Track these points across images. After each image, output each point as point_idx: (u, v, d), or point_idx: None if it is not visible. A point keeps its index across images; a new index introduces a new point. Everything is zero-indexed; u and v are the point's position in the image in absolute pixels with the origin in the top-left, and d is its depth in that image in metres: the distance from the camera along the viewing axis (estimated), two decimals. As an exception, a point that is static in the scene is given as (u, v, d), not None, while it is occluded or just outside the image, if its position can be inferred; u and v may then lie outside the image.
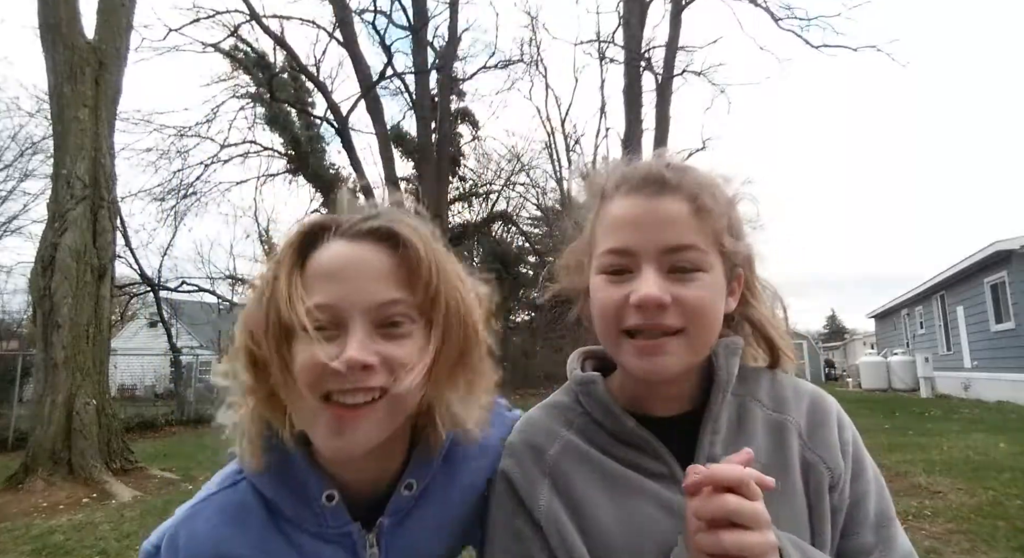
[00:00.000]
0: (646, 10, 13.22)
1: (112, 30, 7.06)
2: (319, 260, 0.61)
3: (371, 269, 0.60)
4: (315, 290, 0.59)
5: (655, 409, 0.72)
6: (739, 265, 0.72)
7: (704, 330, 0.66)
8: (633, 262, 0.65)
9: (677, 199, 0.65)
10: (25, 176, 18.36)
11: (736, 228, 0.70)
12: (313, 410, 0.59)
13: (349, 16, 15.13)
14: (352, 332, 0.58)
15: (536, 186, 24.43)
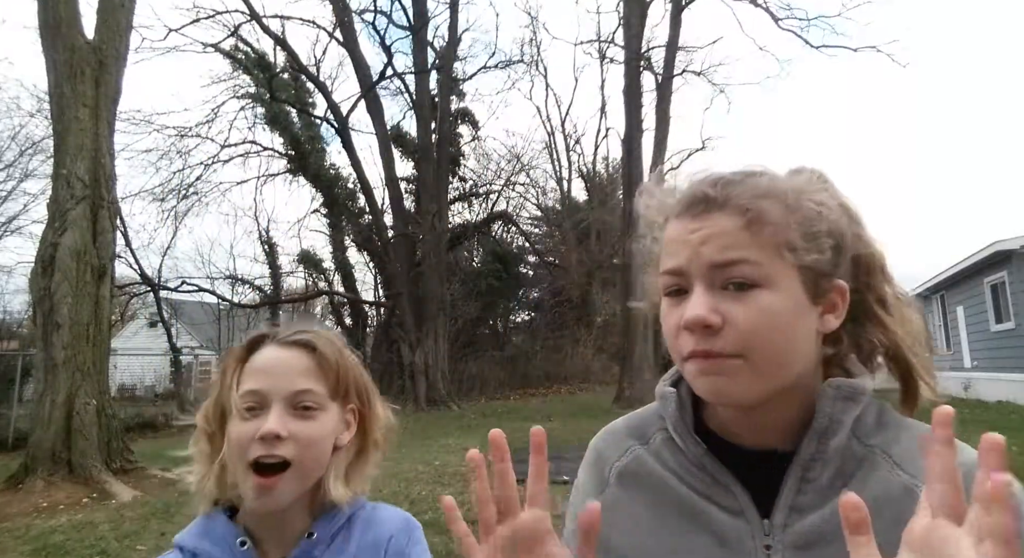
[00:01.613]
0: (646, 10, 13.23)
1: (112, 30, 7.06)
2: (256, 359, 0.82)
3: (291, 366, 0.81)
4: (249, 380, 0.79)
5: (744, 439, 0.65)
6: (832, 275, 0.61)
7: (768, 354, 0.58)
8: (686, 282, 0.61)
9: (724, 215, 0.60)
10: (25, 176, 18.36)
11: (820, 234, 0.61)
12: (243, 476, 0.76)
13: (349, 16, 15.15)
14: (272, 411, 0.77)
15: (536, 186, 24.47)
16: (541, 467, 0.63)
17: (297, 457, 0.77)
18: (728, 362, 0.58)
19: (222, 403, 0.80)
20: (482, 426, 9.98)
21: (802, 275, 0.60)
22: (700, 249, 0.60)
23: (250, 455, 0.75)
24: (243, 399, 0.77)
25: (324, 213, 18.24)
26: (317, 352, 0.82)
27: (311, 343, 0.83)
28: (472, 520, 2.14)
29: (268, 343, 0.83)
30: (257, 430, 0.75)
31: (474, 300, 18.66)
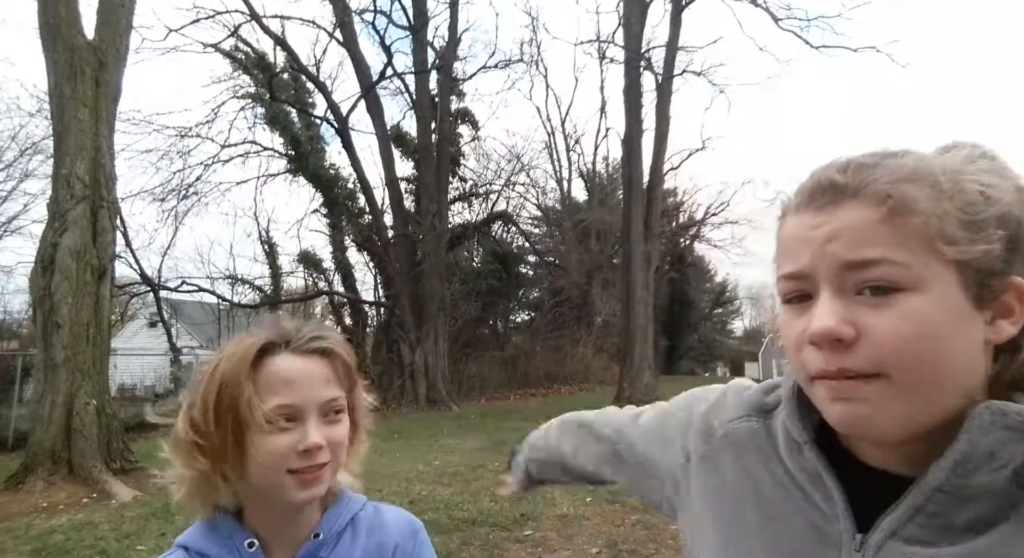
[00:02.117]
0: (646, 10, 13.22)
1: (112, 30, 7.06)
2: (275, 370, 0.80)
3: (316, 376, 0.82)
4: (276, 393, 0.79)
5: (868, 456, 0.55)
6: (1004, 273, 0.49)
7: (917, 372, 0.48)
8: (811, 286, 0.52)
9: (858, 205, 0.50)
10: (25, 176, 18.39)
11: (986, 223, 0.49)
12: (278, 480, 0.78)
13: (349, 16, 15.14)
14: (309, 423, 0.79)
15: (536, 186, 24.48)
16: None
17: (332, 458, 0.82)
18: (867, 385, 0.48)
19: (235, 414, 0.77)
20: (482, 426, 9.99)
21: (961, 274, 0.48)
22: (827, 247, 0.50)
23: (291, 465, 0.78)
24: (275, 412, 0.77)
25: (324, 213, 18.23)
26: (335, 358, 0.84)
27: (329, 349, 0.84)
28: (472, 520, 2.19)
29: (281, 351, 0.81)
30: (296, 442, 0.77)
31: (474, 300, 18.66)
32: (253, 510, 0.83)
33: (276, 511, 0.83)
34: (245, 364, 0.79)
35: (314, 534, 0.84)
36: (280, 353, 0.81)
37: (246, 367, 0.78)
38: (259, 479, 0.79)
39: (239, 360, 0.79)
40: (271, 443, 0.77)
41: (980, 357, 0.50)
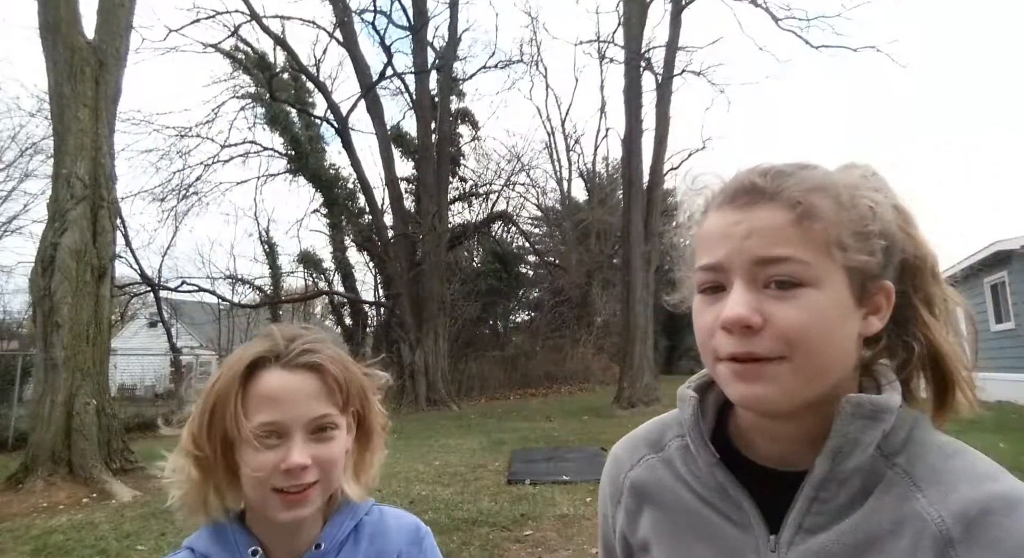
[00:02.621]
0: (646, 10, 13.22)
1: (112, 30, 7.06)
2: (264, 386, 0.79)
3: (303, 393, 0.79)
4: (261, 410, 0.77)
5: (762, 453, 0.62)
6: (880, 277, 0.58)
7: (812, 357, 0.55)
8: (725, 278, 0.57)
9: (773, 207, 0.56)
10: (25, 176, 18.38)
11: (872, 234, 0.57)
12: (263, 496, 0.78)
13: (349, 16, 15.15)
14: (293, 441, 0.77)
15: (536, 186, 24.47)
16: None
17: (322, 477, 0.79)
18: (769, 366, 0.55)
19: (223, 430, 0.78)
20: (482, 426, 9.99)
21: (849, 276, 0.56)
22: (744, 243, 0.56)
23: (274, 484, 0.77)
24: (259, 429, 0.76)
25: (324, 213, 18.23)
26: (325, 373, 0.81)
27: (319, 365, 0.81)
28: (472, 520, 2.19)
29: (271, 366, 0.80)
30: (279, 461, 0.76)
31: (474, 300, 18.65)
32: (255, 519, 0.83)
33: (279, 527, 0.82)
34: (235, 380, 0.78)
35: (316, 544, 0.84)
36: (269, 368, 0.80)
37: (236, 383, 0.78)
38: (249, 494, 0.79)
39: (231, 376, 0.79)
40: (256, 460, 0.76)
41: (854, 347, 0.58)
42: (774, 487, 0.60)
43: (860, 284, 0.57)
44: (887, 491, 0.55)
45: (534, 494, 4.49)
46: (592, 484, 4.75)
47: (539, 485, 4.81)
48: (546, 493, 4.50)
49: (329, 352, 0.84)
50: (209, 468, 0.79)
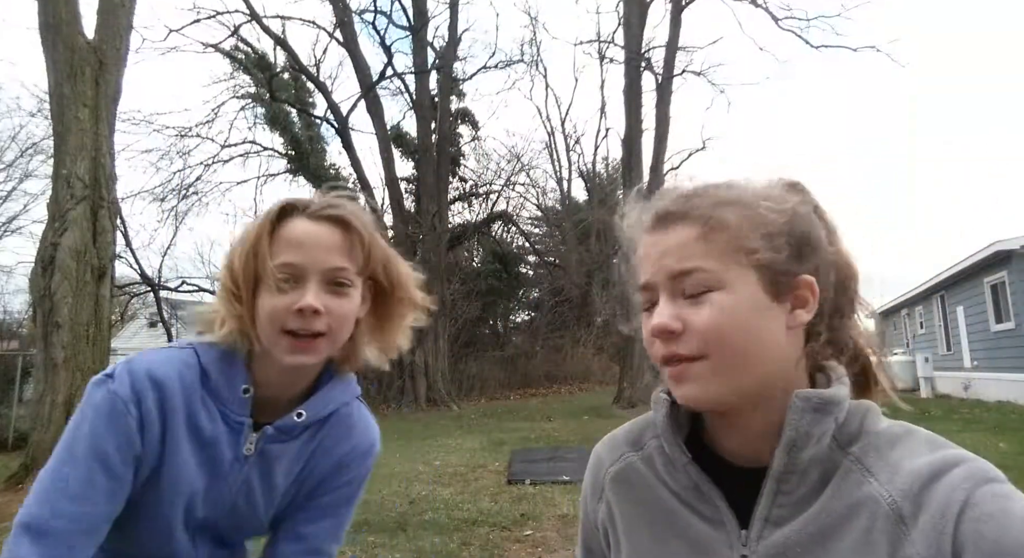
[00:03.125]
0: (646, 10, 13.22)
1: (112, 30, 7.06)
2: (289, 231, 0.83)
3: (325, 242, 0.83)
4: (283, 252, 0.81)
5: (731, 450, 0.67)
6: (794, 273, 0.63)
7: (728, 352, 0.60)
8: (655, 295, 0.65)
9: (684, 226, 0.64)
10: (25, 176, 18.38)
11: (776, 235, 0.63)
12: (275, 337, 0.81)
13: (349, 16, 15.14)
14: (308, 286, 0.80)
15: (536, 186, 24.48)
16: None
17: (330, 329, 0.82)
18: (693, 365, 0.61)
19: (254, 268, 0.81)
20: (482, 426, 9.99)
21: (760, 274, 0.62)
22: (662, 262, 0.64)
23: (287, 325, 0.80)
24: (278, 270, 0.80)
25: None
26: (351, 229, 0.85)
27: (345, 219, 0.85)
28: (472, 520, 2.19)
29: (298, 215, 0.84)
30: (293, 303, 0.79)
31: (474, 300, 18.65)
32: (258, 368, 0.86)
33: (275, 376, 0.86)
34: (267, 223, 0.83)
35: (298, 413, 0.88)
36: (297, 216, 0.84)
37: (267, 225, 0.83)
38: (262, 334, 0.82)
39: (263, 219, 0.84)
40: (273, 300, 0.80)
41: (784, 340, 0.63)
42: (745, 483, 0.64)
43: (772, 280, 0.62)
44: (844, 479, 0.59)
45: (534, 494, 4.49)
46: (592, 484, 4.75)
47: (539, 485, 4.81)
48: (546, 493, 4.50)
49: (358, 214, 0.88)
50: (242, 306, 0.83)
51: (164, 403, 0.81)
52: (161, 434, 0.81)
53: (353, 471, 0.96)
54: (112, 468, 0.79)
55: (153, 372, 0.81)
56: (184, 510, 0.85)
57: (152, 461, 0.82)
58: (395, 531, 3.65)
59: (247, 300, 0.82)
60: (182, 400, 0.82)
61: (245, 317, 0.83)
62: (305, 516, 0.93)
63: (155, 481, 0.83)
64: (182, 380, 0.83)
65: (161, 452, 0.82)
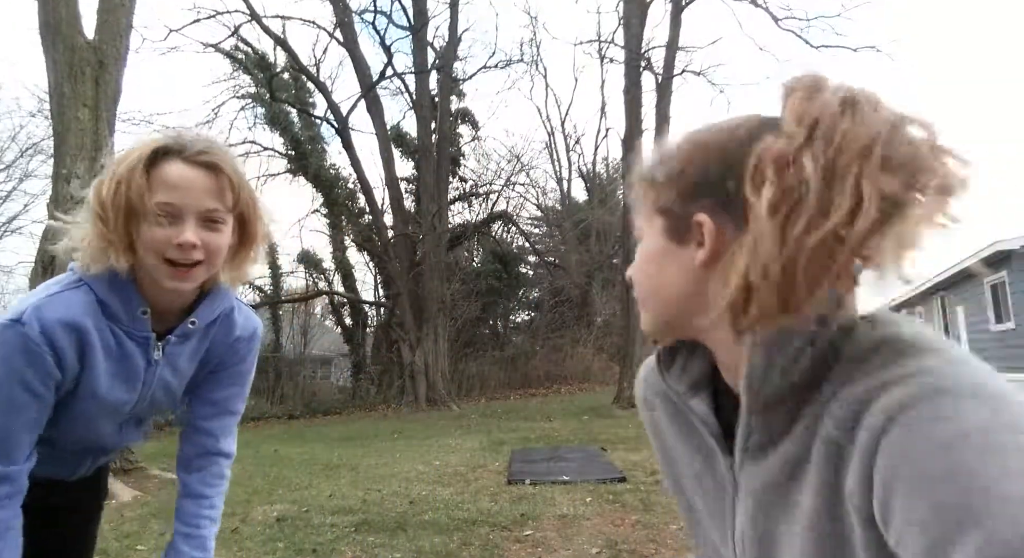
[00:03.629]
0: (646, 10, 13.22)
1: (112, 30, 7.06)
2: (166, 173, 0.93)
3: (201, 187, 0.94)
4: (160, 192, 0.92)
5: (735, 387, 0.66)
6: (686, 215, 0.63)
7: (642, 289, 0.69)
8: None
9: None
10: (25, 176, 18.37)
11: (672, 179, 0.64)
12: (156, 264, 0.93)
13: (349, 16, 15.14)
14: (186, 224, 0.92)
15: (536, 186, 24.48)
16: None
17: (207, 258, 0.96)
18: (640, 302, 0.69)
19: (127, 200, 0.92)
20: (482, 426, 9.99)
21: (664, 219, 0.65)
22: None
23: (166, 255, 0.93)
24: (158, 208, 0.92)
25: (324, 213, 18.23)
26: (222, 174, 0.96)
27: (218, 166, 0.96)
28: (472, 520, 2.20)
29: (174, 157, 0.94)
30: (172, 237, 0.92)
31: (474, 300, 18.65)
32: (147, 288, 0.99)
33: (163, 294, 0.99)
34: (142, 160, 0.92)
35: (191, 321, 1.03)
36: (172, 159, 0.94)
37: (142, 163, 0.92)
38: (144, 259, 0.94)
39: (139, 156, 0.93)
40: (154, 233, 0.92)
41: (693, 279, 0.62)
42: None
43: (670, 225, 0.64)
44: (812, 414, 0.55)
45: (534, 494, 4.49)
46: (592, 484, 4.75)
47: (539, 485, 4.81)
48: (546, 493, 4.50)
49: (229, 158, 0.99)
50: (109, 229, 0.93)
51: (81, 342, 0.94)
52: (79, 363, 0.95)
53: (243, 350, 1.14)
54: (33, 388, 0.93)
55: (64, 319, 0.92)
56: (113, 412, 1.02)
57: (74, 382, 0.96)
58: (395, 531, 3.65)
59: (116, 227, 0.92)
60: (96, 335, 0.95)
61: (116, 242, 0.93)
62: (214, 386, 1.14)
63: (83, 395, 0.98)
64: (92, 318, 0.95)
65: (81, 376, 0.96)
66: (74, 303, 0.95)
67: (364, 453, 7.19)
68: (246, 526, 3.87)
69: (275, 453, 7.61)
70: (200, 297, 1.06)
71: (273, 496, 4.82)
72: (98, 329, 0.96)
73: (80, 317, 0.94)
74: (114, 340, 0.98)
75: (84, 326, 0.94)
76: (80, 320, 0.94)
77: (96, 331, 0.95)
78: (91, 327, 0.95)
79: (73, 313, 0.94)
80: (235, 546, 3.44)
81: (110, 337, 0.97)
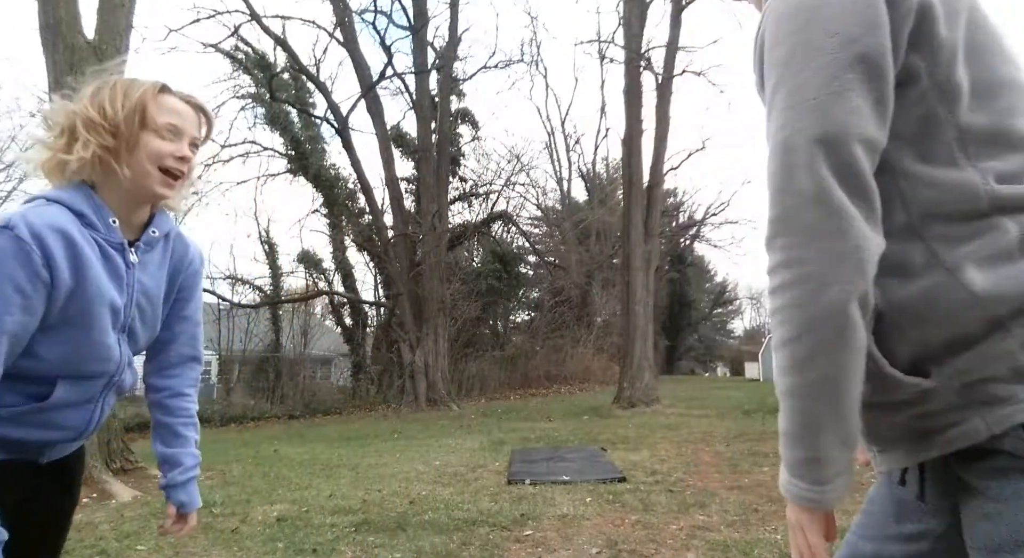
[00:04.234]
0: (646, 10, 13.22)
1: (112, 30, 7.06)
2: (172, 103, 1.17)
3: (193, 119, 1.20)
4: (167, 115, 1.15)
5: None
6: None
7: None
8: None
9: None
10: (25, 176, 18.35)
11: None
12: (151, 171, 1.12)
13: (349, 16, 15.15)
14: (183, 143, 1.16)
15: (536, 186, 24.51)
16: None
17: (185, 174, 1.18)
18: None
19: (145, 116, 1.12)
20: (482, 426, 9.99)
21: None
22: None
23: (164, 164, 1.13)
24: (167, 126, 1.13)
25: (324, 213, 18.23)
26: (207, 116, 1.23)
27: (205, 109, 1.23)
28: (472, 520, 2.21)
29: (174, 94, 1.19)
30: (176, 150, 1.14)
31: (474, 300, 18.65)
32: (112, 198, 1.13)
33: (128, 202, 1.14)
34: (154, 89, 1.15)
35: (152, 230, 1.20)
36: (173, 95, 1.18)
37: (154, 91, 1.15)
38: (136, 166, 1.11)
39: (149, 85, 1.15)
40: (161, 145, 1.13)
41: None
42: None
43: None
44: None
45: (534, 494, 4.49)
46: (592, 484, 4.75)
47: (539, 485, 4.81)
48: (546, 493, 4.50)
49: (209, 108, 1.25)
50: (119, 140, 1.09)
51: (73, 252, 1.04)
52: (72, 264, 1.04)
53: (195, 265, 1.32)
54: (23, 290, 0.99)
55: (52, 224, 1.02)
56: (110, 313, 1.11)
57: (69, 283, 1.04)
58: (395, 531, 3.65)
59: (129, 138, 1.10)
60: (81, 238, 1.05)
61: (123, 151, 1.09)
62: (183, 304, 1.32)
63: (81, 295, 1.06)
64: (74, 227, 1.05)
65: (76, 274, 1.04)
66: (56, 213, 1.04)
67: (364, 453, 7.19)
68: (246, 526, 3.87)
69: (275, 453, 7.61)
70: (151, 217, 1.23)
71: (273, 496, 4.83)
72: (81, 235, 1.06)
73: (65, 224, 1.04)
74: (97, 247, 1.09)
75: (70, 232, 1.03)
76: (66, 227, 1.03)
77: (80, 235, 1.06)
78: (75, 231, 1.05)
79: (58, 221, 1.03)
80: (235, 546, 3.44)
81: (93, 244, 1.08)
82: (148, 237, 1.19)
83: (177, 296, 1.31)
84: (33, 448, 1.13)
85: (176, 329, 1.32)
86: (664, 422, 9.24)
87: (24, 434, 1.08)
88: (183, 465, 1.31)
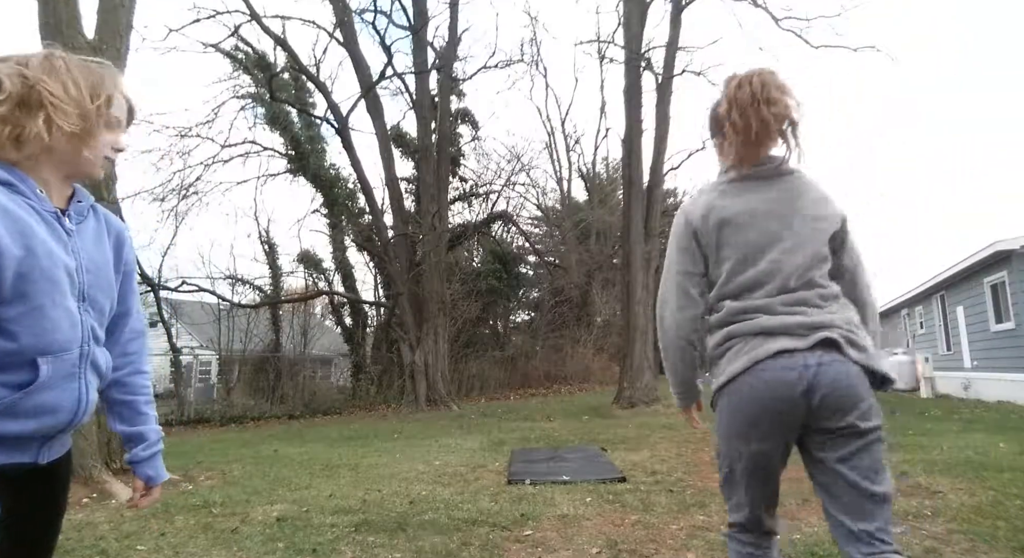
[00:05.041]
0: (646, 10, 13.21)
1: (112, 30, 7.06)
2: (119, 99, 1.22)
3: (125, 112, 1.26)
4: (117, 109, 1.22)
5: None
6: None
7: None
8: None
9: None
10: (25, 176, 18.34)
11: None
12: (99, 158, 1.20)
13: (349, 16, 15.14)
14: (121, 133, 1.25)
15: (536, 186, 24.50)
16: None
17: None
18: None
19: (110, 113, 1.19)
20: (482, 426, 9.98)
21: None
22: None
23: (107, 153, 1.21)
24: (117, 120, 1.22)
25: (324, 213, 18.23)
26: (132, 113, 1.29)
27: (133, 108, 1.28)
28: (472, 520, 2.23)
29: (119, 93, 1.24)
30: (121, 141, 1.25)
31: (474, 300, 18.65)
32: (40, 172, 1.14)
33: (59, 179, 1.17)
34: (118, 90, 1.22)
35: (77, 200, 1.21)
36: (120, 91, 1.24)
37: (118, 91, 1.22)
38: (88, 151, 1.17)
39: (117, 79, 1.23)
40: (114, 134, 1.22)
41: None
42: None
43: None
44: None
45: (534, 494, 4.49)
46: (592, 484, 4.75)
47: (539, 485, 4.81)
48: (546, 493, 4.50)
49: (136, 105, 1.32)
50: (87, 125, 1.14)
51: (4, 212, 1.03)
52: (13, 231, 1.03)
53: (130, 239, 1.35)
54: None
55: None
56: (66, 276, 1.11)
57: (17, 252, 1.04)
58: (395, 531, 3.65)
59: (94, 126, 1.15)
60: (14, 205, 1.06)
61: (88, 138, 1.15)
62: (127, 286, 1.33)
63: (35, 261, 1.06)
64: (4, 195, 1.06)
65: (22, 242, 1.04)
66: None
67: (364, 453, 7.19)
68: (246, 526, 3.87)
69: (275, 453, 7.61)
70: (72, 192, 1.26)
71: (273, 496, 4.82)
72: (14, 203, 1.06)
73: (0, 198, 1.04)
74: (35, 212, 1.09)
75: (6, 204, 1.03)
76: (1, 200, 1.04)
77: (14, 205, 1.06)
78: (8, 202, 1.05)
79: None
80: (235, 546, 3.44)
81: (30, 210, 1.09)
82: (77, 207, 1.20)
83: (125, 269, 1.33)
84: (33, 444, 1.13)
85: (129, 302, 1.34)
86: (664, 422, 9.23)
87: (21, 427, 1.07)
88: (148, 441, 1.38)
